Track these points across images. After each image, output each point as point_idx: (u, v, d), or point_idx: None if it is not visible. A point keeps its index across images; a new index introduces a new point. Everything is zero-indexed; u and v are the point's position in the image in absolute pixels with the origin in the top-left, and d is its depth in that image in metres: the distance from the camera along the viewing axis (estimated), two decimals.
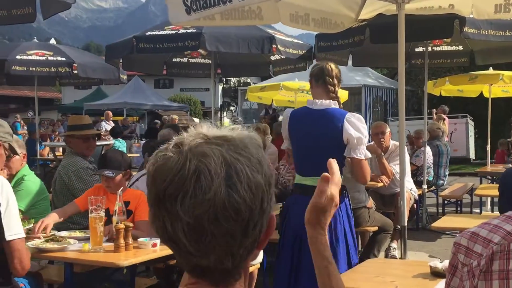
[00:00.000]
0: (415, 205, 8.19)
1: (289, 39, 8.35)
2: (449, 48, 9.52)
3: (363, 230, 6.36)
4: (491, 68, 11.00)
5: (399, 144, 5.43)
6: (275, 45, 7.69)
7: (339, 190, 1.53)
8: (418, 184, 8.69)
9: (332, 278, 1.54)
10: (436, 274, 3.18)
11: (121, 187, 4.21)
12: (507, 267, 1.49)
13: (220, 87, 36.48)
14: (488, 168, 11.12)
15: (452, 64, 10.54)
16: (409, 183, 6.94)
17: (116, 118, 23.25)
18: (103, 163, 4.48)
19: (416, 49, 9.57)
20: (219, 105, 33.41)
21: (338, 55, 8.60)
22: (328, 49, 8.00)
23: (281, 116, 6.05)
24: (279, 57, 9.21)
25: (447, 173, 10.47)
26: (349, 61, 9.44)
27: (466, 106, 20.20)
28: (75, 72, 9.89)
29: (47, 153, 14.43)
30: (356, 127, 3.90)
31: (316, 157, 3.87)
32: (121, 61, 9.00)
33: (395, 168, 6.61)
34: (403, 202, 4.75)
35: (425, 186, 8.93)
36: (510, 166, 8.96)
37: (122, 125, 21.80)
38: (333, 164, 1.55)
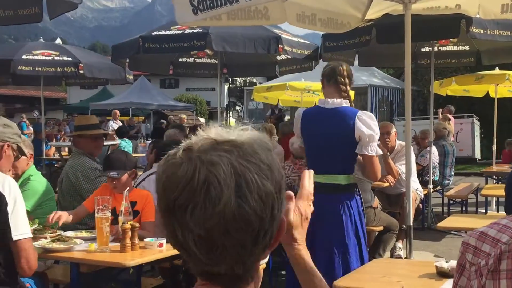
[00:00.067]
0: (421, 205, 8.17)
1: (296, 39, 8.34)
2: (455, 48, 9.50)
3: (369, 230, 6.33)
4: (497, 68, 11.00)
5: (405, 144, 5.42)
6: (281, 45, 7.69)
7: (311, 202, 1.50)
8: (424, 184, 8.66)
9: None
10: (442, 274, 3.17)
11: (127, 187, 4.22)
12: None
13: (226, 87, 36.54)
14: (494, 168, 11.07)
15: (459, 64, 10.51)
16: (415, 183, 6.92)
17: (122, 118, 23.24)
18: (107, 165, 4.48)
19: (423, 49, 9.56)
20: (225, 105, 33.44)
21: (344, 55, 8.59)
22: (335, 49, 8.01)
23: (287, 116, 6.05)
24: (285, 57, 9.21)
25: (452, 173, 10.43)
26: (355, 61, 9.44)
27: (472, 106, 20.12)
28: (81, 72, 9.91)
29: (53, 153, 14.42)
30: (368, 125, 3.94)
31: (328, 155, 3.94)
32: (127, 61, 9.01)
33: (401, 168, 6.59)
34: (409, 202, 4.76)
35: (430, 186, 8.91)
36: None
37: (128, 125, 21.79)
38: (305, 176, 1.55)
